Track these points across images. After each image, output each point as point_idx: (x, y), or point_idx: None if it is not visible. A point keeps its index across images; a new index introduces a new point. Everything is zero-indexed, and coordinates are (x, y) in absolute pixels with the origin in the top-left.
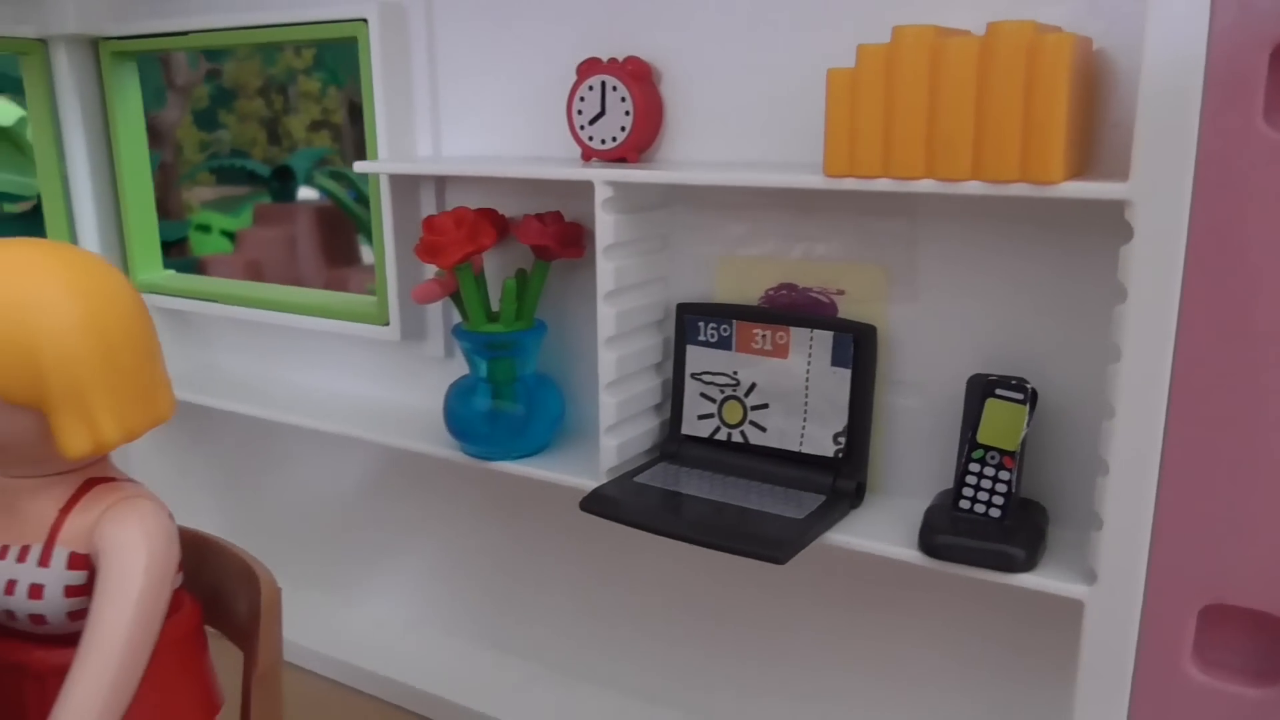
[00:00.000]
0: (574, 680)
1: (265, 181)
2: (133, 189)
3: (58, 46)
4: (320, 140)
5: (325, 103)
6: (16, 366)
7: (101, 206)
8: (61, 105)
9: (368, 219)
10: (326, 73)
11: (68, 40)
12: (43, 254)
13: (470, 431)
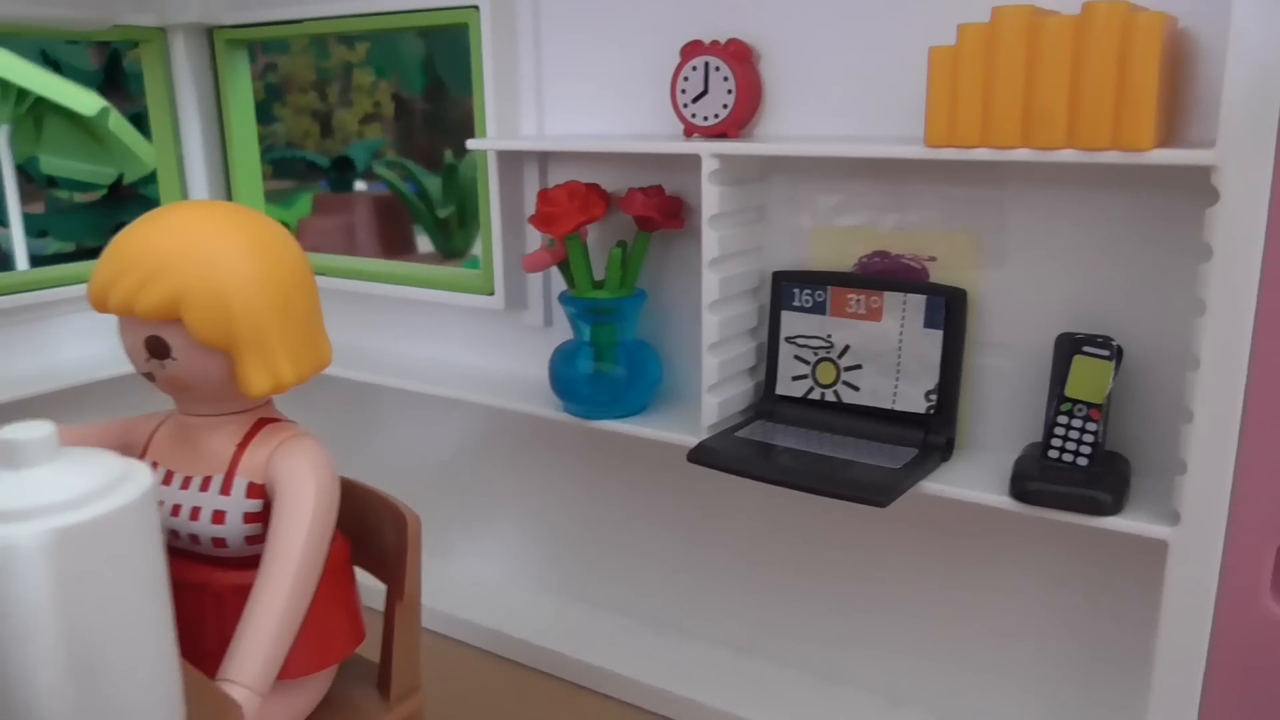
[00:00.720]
0: (665, 632)
1: (324, 172)
2: (242, 168)
3: (176, 35)
4: (371, 132)
5: (377, 96)
6: (210, 312)
7: (213, 185)
8: (178, 90)
9: (423, 208)
10: (378, 66)
11: (185, 29)
12: (227, 214)
13: (574, 392)
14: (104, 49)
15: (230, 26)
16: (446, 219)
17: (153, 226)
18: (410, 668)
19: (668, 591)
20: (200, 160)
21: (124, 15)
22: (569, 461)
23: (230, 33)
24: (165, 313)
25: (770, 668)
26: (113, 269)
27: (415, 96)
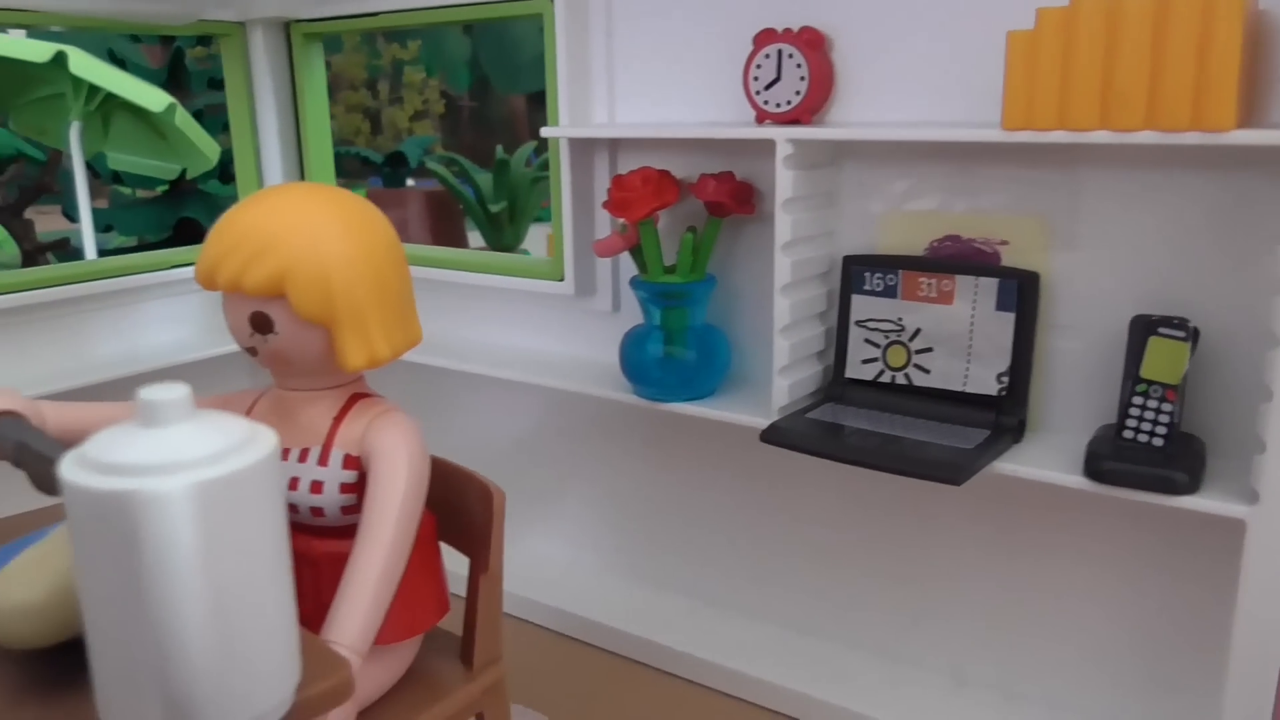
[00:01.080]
0: (729, 612)
1: (376, 168)
2: (316, 158)
3: (254, 29)
4: (421, 129)
5: (426, 93)
6: (312, 289)
7: (287, 175)
8: (256, 83)
9: (475, 203)
10: (429, 64)
11: (264, 23)
12: (328, 196)
13: (644, 375)
14: (166, 48)
15: (307, 20)
16: (498, 214)
17: (259, 207)
18: (492, 638)
19: (732, 572)
20: (276, 151)
21: (207, 10)
22: (635, 444)
23: (307, 26)
24: (270, 289)
25: (835, 647)
26: (221, 248)
27: (461, 94)
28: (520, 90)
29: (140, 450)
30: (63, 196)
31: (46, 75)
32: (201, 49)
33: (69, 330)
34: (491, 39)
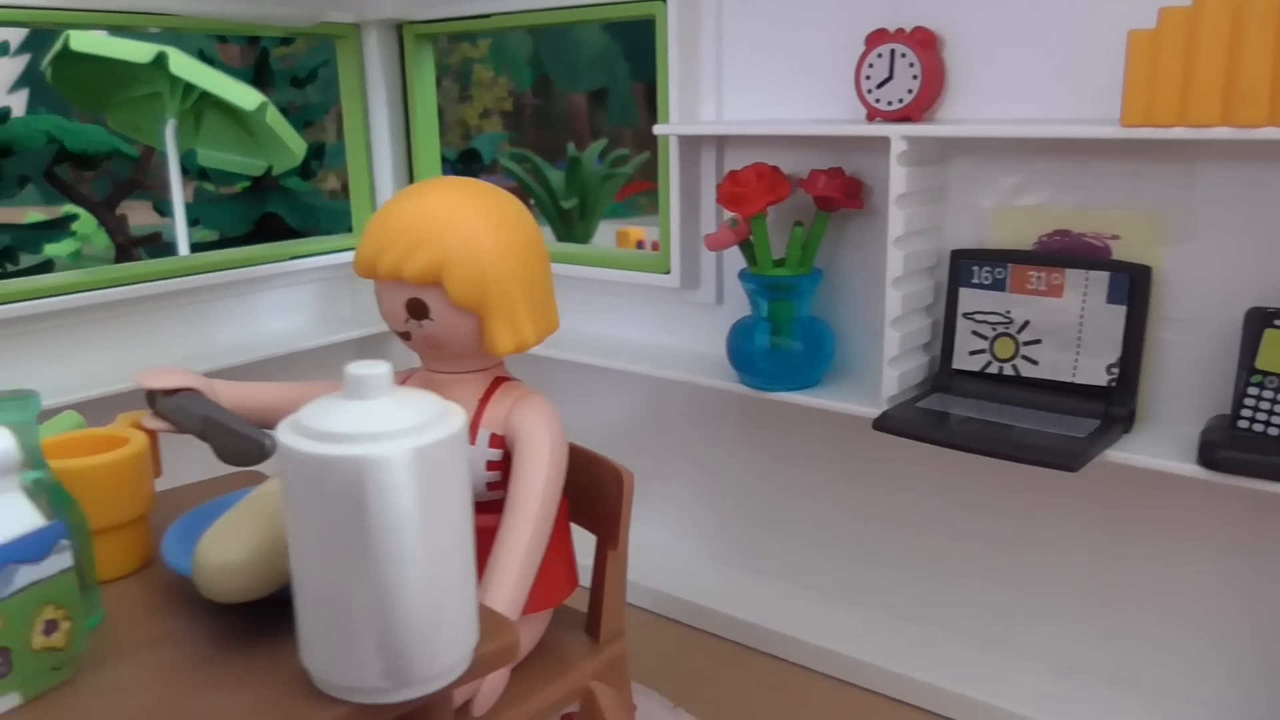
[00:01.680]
0: (830, 598)
1: (450, 165)
2: (425, 155)
3: (369, 30)
4: (489, 126)
5: (496, 91)
6: (468, 277)
7: (397, 171)
8: (369, 82)
9: (548, 198)
10: (497, 62)
11: (378, 24)
12: (478, 190)
13: (751, 365)
14: (250, 49)
15: (420, 22)
16: (569, 210)
17: (416, 201)
18: (618, 613)
19: (831, 558)
20: (386, 147)
21: (329, 13)
22: (736, 432)
23: (419, 28)
24: (428, 277)
25: (936, 633)
26: (382, 239)
27: (524, 92)
28: (581, 88)
29: (354, 420)
30: (149, 191)
31: (144, 75)
32: (284, 48)
33: (195, 318)
34: (553, 38)
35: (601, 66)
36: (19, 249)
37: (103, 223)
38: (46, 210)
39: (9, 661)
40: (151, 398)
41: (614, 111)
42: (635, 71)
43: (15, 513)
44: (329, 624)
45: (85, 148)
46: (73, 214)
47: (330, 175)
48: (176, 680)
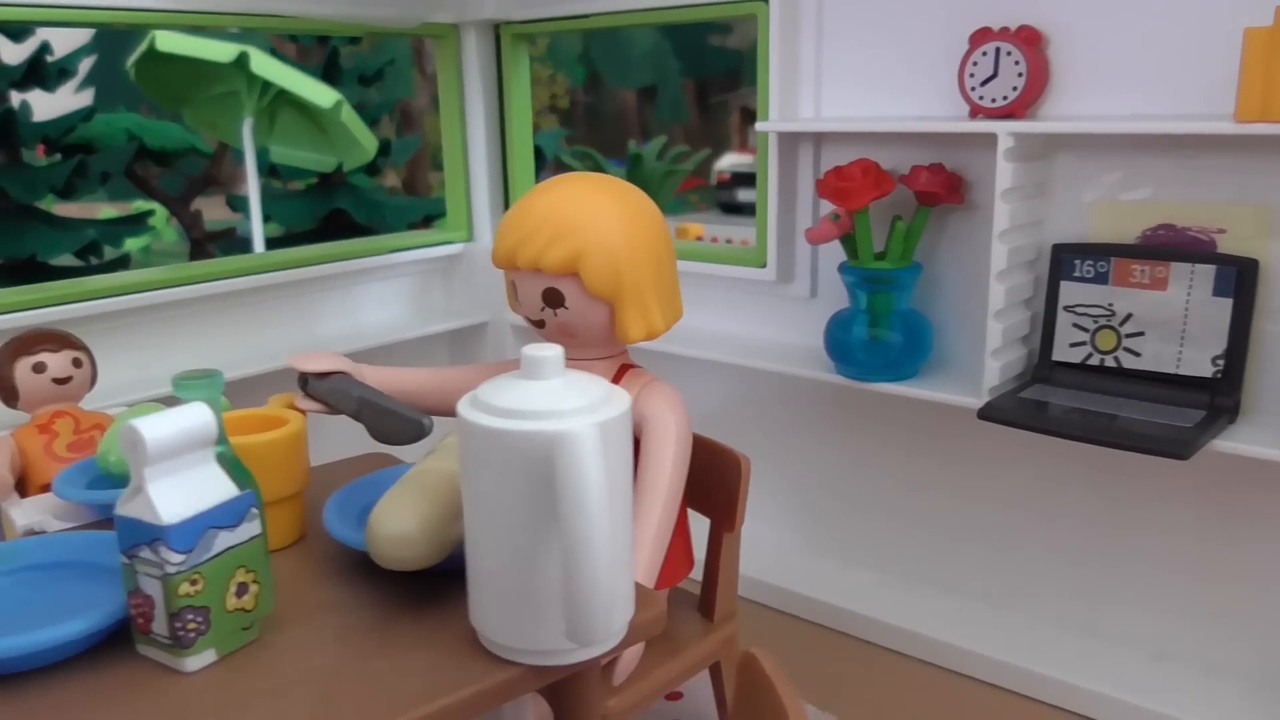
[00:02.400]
0: (923, 586)
1: None
2: (519, 152)
3: (468, 30)
4: (548, 123)
5: (554, 88)
6: (603, 267)
7: (492, 168)
8: (466, 81)
9: None
10: (554, 60)
11: (477, 24)
12: (610, 185)
13: (849, 356)
14: (321, 47)
15: (518, 22)
16: None
17: (552, 195)
18: (731, 594)
19: (925, 546)
20: (482, 144)
21: (431, 14)
22: (830, 423)
23: (516, 27)
24: (566, 268)
25: (1031, 620)
26: (522, 232)
27: (576, 89)
28: (631, 86)
29: (536, 398)
30: (220, 187)
31: (224, 74)
32: (351, 47)
33: (300, 309)
34: (604, 35)
35: (651, 64)
36: (103, 243)
37: (178, 218)
38: (118, 206)
39: (207, 620)
40: (303, 380)
41: (663, 108)
42: (686, 69)
43: (213, 482)
44: (512, 590)
45: (164, 145)
46: (148, 210)
47: (390, 172)
48: (354, 642)
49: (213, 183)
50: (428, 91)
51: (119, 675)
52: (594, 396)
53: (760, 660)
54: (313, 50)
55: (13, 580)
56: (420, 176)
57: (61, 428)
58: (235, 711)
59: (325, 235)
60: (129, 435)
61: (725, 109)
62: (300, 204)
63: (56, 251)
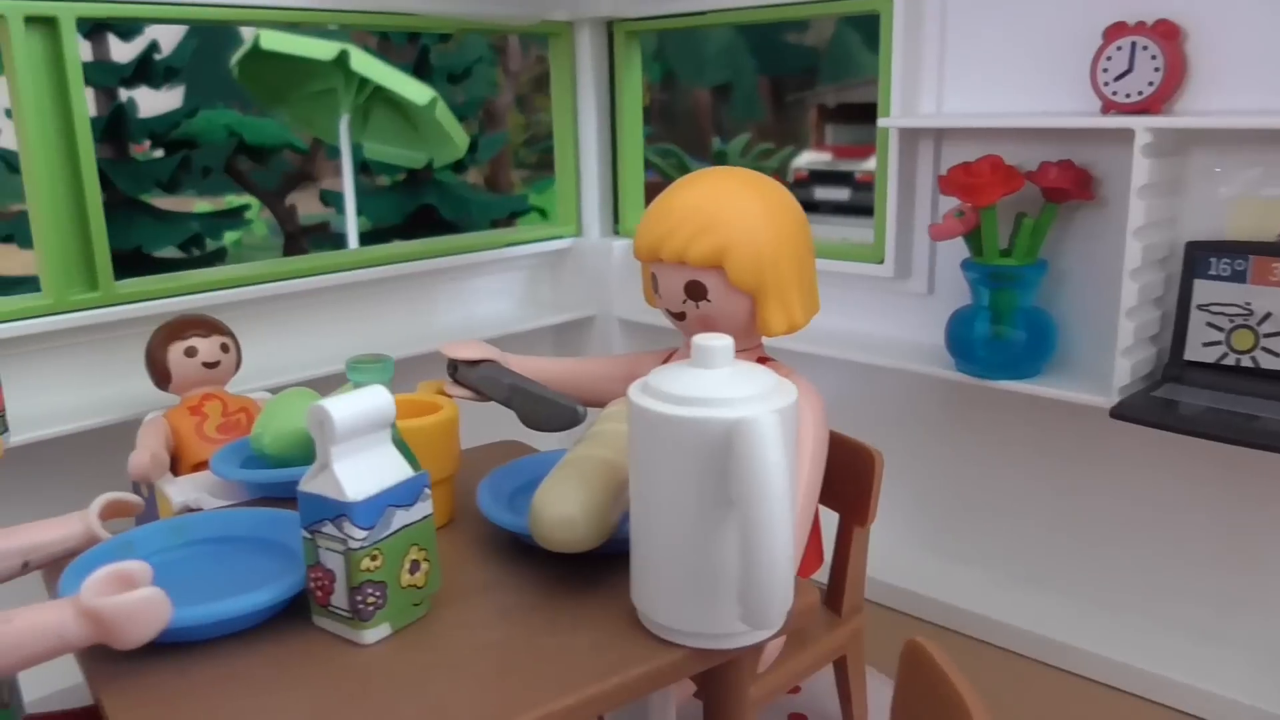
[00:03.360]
0: (1042, 588)
1: None
2: (629, 150)
3: (582, 28)
4: None
5: None
6: (748, 261)
7: (602, 165)
8: (579, 78)
9: None
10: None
11: (590, 22)
12: (753, 180)
13: (970, 354)
14: (413, 45)
15: (632, 19)
16: None
17: (697, 189)
18: (859, 588)
19: (1041, 545)
20: (593, 141)
21: (549, 11)
22: (946, 420)
23: (630, 25)
24: (711, 261)
25: (1153, 624)
26: (667, 225)
27: (653, 86)
28: (705, 83)
29: (711, 386)
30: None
31: (323, 71)
32: (442, 45)
33: (418, 300)
34: (679, 32)
35: (726, 61)
36: (205, 236)
37: (274, 212)
38: (211, 201)
39: (385, 595)
40: (453, 367)
41: (737, 106)
42: (761, 66)
43: (390, 462)
44: (683, 573)
45: (261, 141)
46: (244, 204)
47: (472, 169)
48: (519, 620)
49: (307, 178)
50: (510, 90)
51: (299, 645)
52: (765, 385)
53: (928, 648)
54: (402, 48)
55: (188, 553)
56: (502, 174)
57: (210, 410)
58: (415, 683)
59: (413, 230)
60: (316, 414)
61: (801, 106)
62: (389, 199)
63: (162, 244)
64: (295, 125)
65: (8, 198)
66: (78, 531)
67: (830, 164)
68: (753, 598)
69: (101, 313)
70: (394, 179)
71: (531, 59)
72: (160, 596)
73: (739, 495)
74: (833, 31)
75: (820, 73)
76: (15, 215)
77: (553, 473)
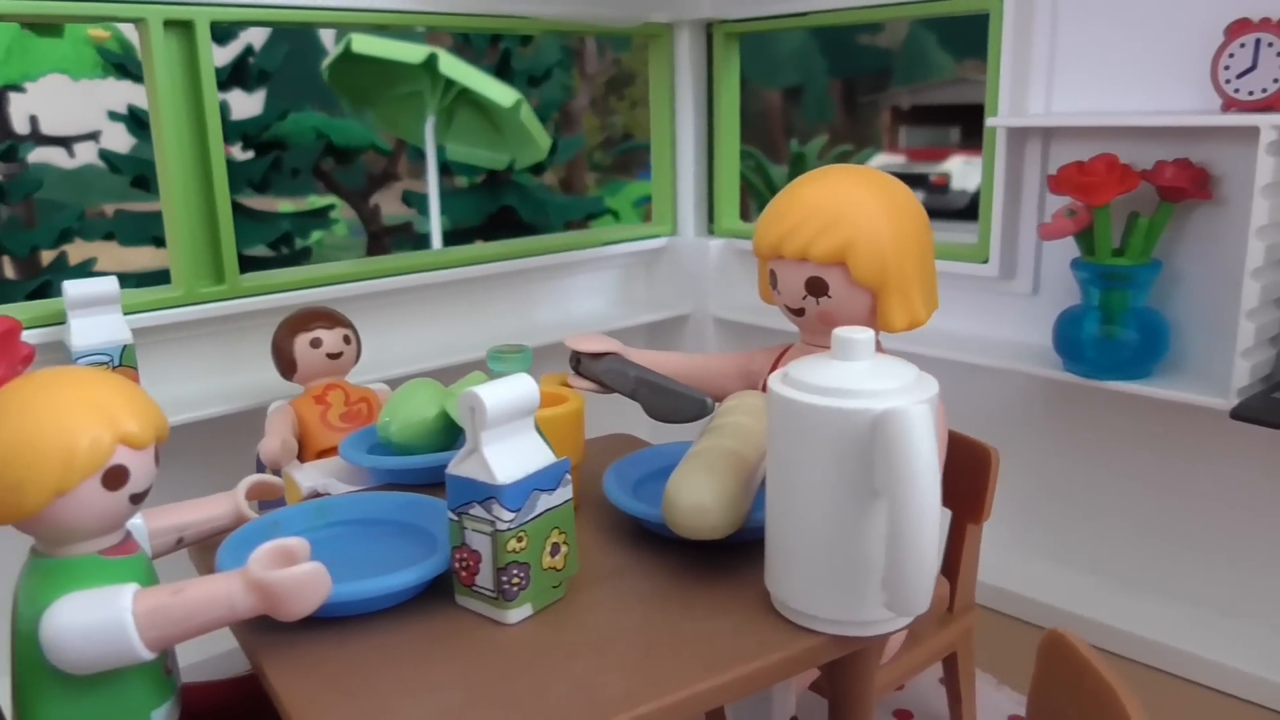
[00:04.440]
0: (1144, 590)
1: None
2: (726, 151)
3: (681, 30)
4: None
5: None
6: (871, 258)
7: (698, 165)
8: (677, 79)
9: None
10: None
11: (690, 24)
12: (874, 177)
13: (1079, 354)
14: (495, 48)
15: (732, 21)
16: None
17: (819, 186)
18: (970, 586)
19: (1151, 550)
20: (690, 141)
21: (650, 13)
22: (1050, 420)
23: (729, 26)
24: (834, 257)
25: (1268, 631)
26: (789, 222)
27: None
28: (776, 85)
29: (853, 378)
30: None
31: (410, 74)
32: (524, 48)
33: (517, 298)
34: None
35: (797, 63)
36: (294, 235)
37: (358, 213)
38: (294, 201)
39: (528, 576)
40: (575, 360)
41: (808, 108)
42: (832, 68)
43: (535, 448)
44: (824, 561)
45: (348, 143)
46: (329, 204)
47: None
48: (655, 605)
49: (390, 179)
50: (586, 92)
51: (444, 623)
52: (906, 378)
53: (1071, 639)
54: (483, 52)
55: (330, 533)
56: (577, 176)
57: (334, 399)
58: (563, 661)
59: (491, 231)
60: (468, 400)
61: (874, 109)
62: (469, 200)
63: (255, 242)
64: (381, 127)
65: (108, 197)
66: (228, 510)
67: (904, 167)
68: (900, 584)
69: (227, 305)
70: (471, 180)
71: (607, 62)
72: (322, 571)
73: (888, 484)
74: (907, 33)
75: (894, 75)
76: (116, 214)
77: (683, 463)
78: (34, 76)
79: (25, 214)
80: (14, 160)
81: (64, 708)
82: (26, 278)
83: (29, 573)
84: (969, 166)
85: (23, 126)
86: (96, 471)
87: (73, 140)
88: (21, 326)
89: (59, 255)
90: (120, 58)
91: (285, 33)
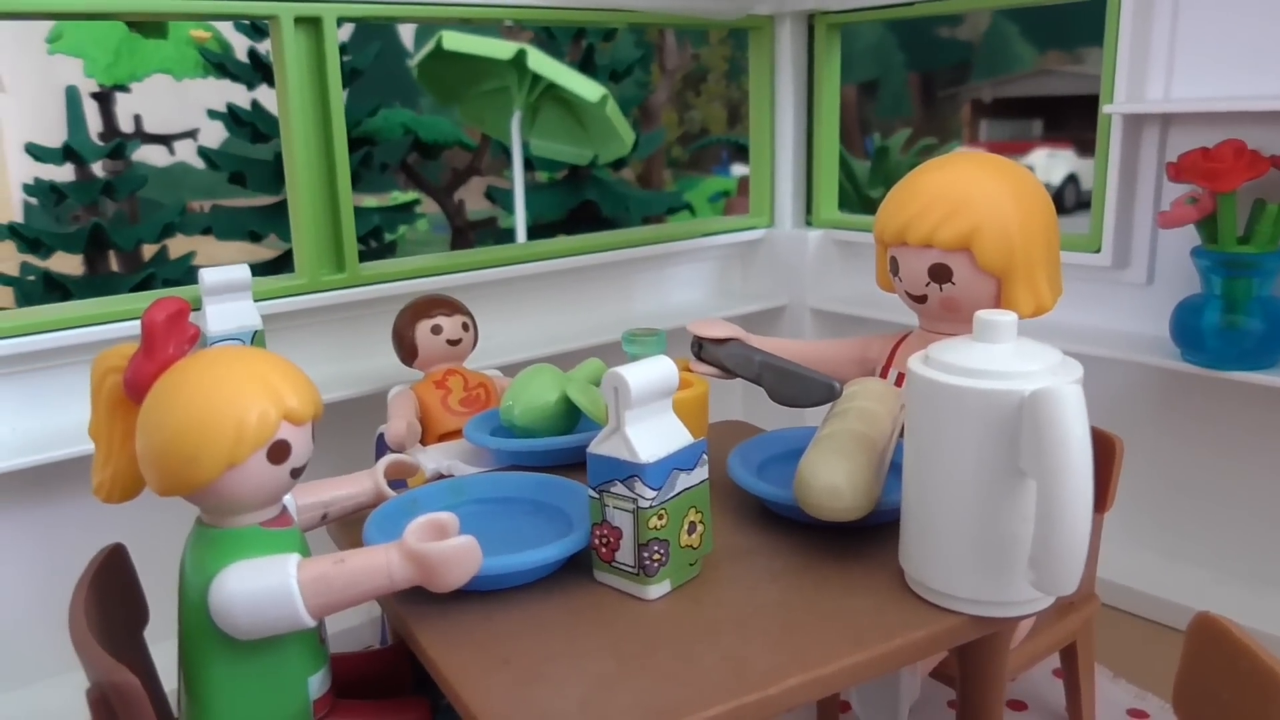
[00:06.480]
0: (1265, 585)
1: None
2: (825, 143)
3: (783, 21)
4: None
5: None
6: (997, 244)
7: (797, 158)
8: (778, 71)
9: (850, 188)
10: None
11: (792, 15)
12: (1000, 163)
13: (1199, 344)
14: (578, 44)
15: (835, 11)
16: (875, 199)
17: (944, 173)
18: (1092, 575)
19: (1273, 545)
20: (789, 133)
21: (753, 5)
22: (1166, 411)
23: (831, 17)
24: (959, 244)
25: None
26: (914, 209)
27: None
28: (853, 79)
29: (999, 360)
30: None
31: (497, 70)
32: (605, 43)
33: (618, 288)
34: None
35: (874, 57)
36: (383, 229)
37: (443, 207)
38: (376, 196)
39: (667, 553)
40: (697, 345)
41: (884, 102)
42: (910, 62)
43: (674, 428)
44: (968, 541)
45: (435, 138)
46: (413, 199)
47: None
48: (789, 583)
49: (475, 174)
50: (666, 87)
51: (585, 597)
52: (1051, 360)
53: (1224, 622)
54: (565, 47)
55: (467, 511)
56: (655, 171)
57: (453, 384)
58: (706, 634)
59: (573, 226)
60: (612, 381)
61: (954, 102)
62: (551, 195)
63: None
64: (467, 123)
65: (196, 194)
66: (369, 488)
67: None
68: (1051, 563)
69: (348, 293)
70: (551, 176)
71: (685, 57)
72: (475, 545)
73: (1039, 464)
74: (988, 25)
75: (973, 67)
76: (212, 209)
77: (813, 446)
78: (140, 77)
79: (130, 210)
80: (121, 158)
81: (229, 671)
82: (130, 271)
83: (195, 543)
84: (1053, 159)
85: (127, 125)
86: (264, 445)
87: (173, 138)
88: (190, 308)
89: (160, 249)
90: (220, 57)
91: (375, 31)
